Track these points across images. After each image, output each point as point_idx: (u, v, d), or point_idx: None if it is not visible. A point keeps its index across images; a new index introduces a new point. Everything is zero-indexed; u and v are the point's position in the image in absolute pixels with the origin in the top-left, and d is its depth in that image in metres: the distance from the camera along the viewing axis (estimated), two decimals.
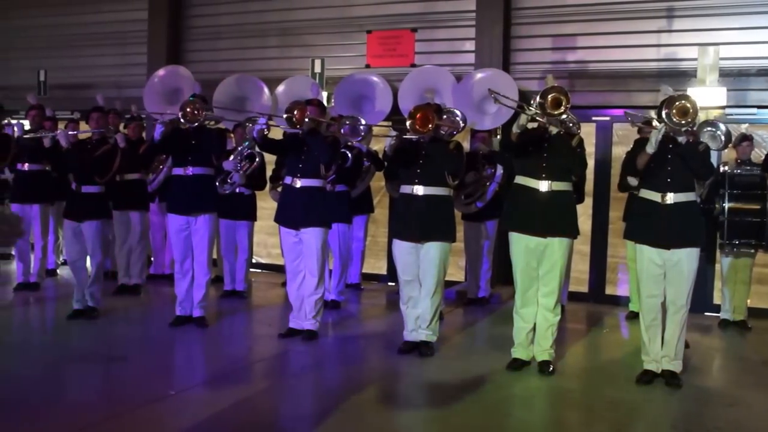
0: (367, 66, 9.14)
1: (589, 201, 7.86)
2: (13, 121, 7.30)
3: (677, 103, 4.85)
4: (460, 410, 4.58)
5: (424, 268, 5.60)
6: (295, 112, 5.80)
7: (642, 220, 5.15)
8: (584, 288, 8.32)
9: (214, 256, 7.42)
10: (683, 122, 4.83)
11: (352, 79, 8.68)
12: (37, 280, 7.99)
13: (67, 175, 6.94)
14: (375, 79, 8.65)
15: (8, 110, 7.39)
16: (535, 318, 5.35)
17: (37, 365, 5.36)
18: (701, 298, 7.33)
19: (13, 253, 8.25)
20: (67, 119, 8.87)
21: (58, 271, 8.90)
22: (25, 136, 7.27)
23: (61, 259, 9.03)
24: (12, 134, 6.99)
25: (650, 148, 4.95)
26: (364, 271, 8.57)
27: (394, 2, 9.08)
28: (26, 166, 7.70)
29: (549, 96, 5.06)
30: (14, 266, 8.07)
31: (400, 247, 5.66)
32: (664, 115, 4.86)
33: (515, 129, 5.19)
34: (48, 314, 7.29)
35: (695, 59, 7.38)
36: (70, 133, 6.83)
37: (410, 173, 5.63)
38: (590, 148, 7.94)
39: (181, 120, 6.17)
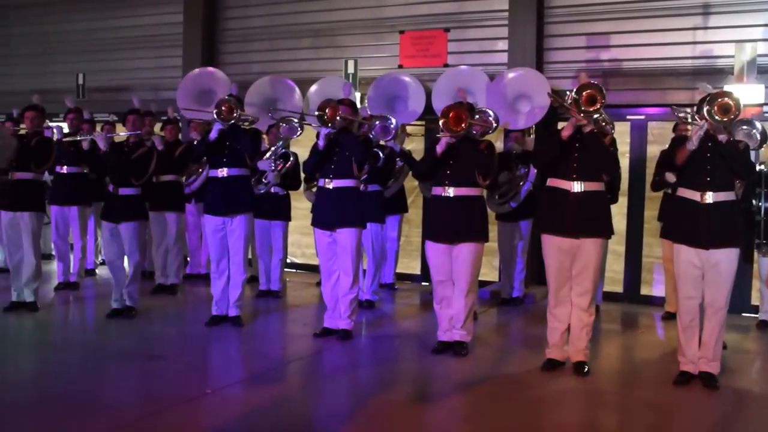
0: (400, 66, 9.15)
1: (623, 200, 7.79)
2: (53, 125, 7.43)
3: (719, 100, 4.76)
4: (494, 410, 4.58)
5: (457, 269, 5.60)
6: (327, 110, 5.82)
7: (680, 220, 5.06)
8: (619, 288, 8.25)
9: (250, 256, 7.49)
10: (725, 120, 4.75)
11: (386, 79, 8.72)
12: (76, 279, 8.16)
13: (104, 177, 7.06)
14: (408, 79, 8.68)
15: (48, 113, 7.51)
16: (569, 318, 5.32)
17: (77, 363, 5.46)
18: (739, 299, 7.22)
19: (53, 252, 8.41)
20: (104, 122, 9.03)
21: (96, 271, 9.05)
22: (64, 140, 7.40)
23: (99, 259, 9.20)
24: (52, 137, 7.12)
25: (691, 145, 4.88)
26: (397, 270, 8.59)
27: (427, 2, 9.08)
28: (64, 169, 7.85)
29: (584, 92, 5.01)
30: (55, 266, 8.23)
31: (433, 248, 5.67)
32: (705, 112, 4.78)
33: (566, 132, 5.12)
34: (87, 313, 7.42)
35: (732, 56, 7.28)
36: (107, 135, 6.95)
37: (441, 174, 5.63)
38: (625, 147, 7.89)
39: (215, 118, 6.23)
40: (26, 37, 11.85)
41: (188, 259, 8.84)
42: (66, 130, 7.91)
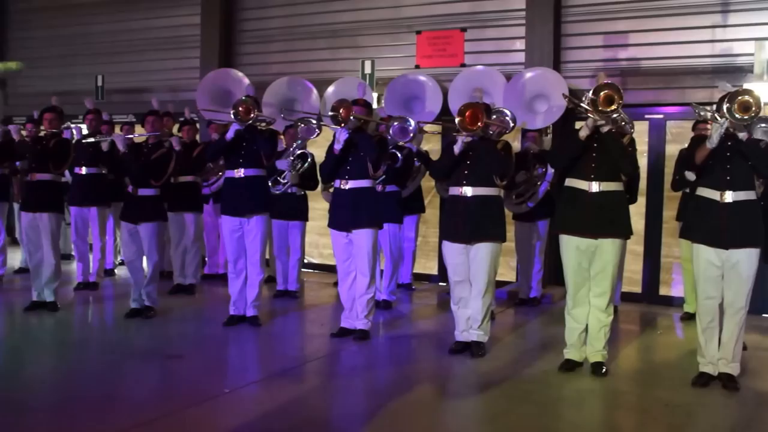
0: (417, 66, 9.14)
1: (642, 200, 7.73)
2: (72, 126, 7.50)
3: (739, 98, 4.70)
4: (511, 411, 4.57)
5: (475, 269, 5.59)
6: (341, 110, 5.83)
7: (699, 219, 5.01)
8: (638, 288, 8.20)
9: (267, 256, 7.52)
10: (745, 117, 4.70)
11: (403, 80, 8.72)
12: (96, 279, 8.23)
13: (123, 178, 7.12)
14: (425, 79, 8.68)
15: (68, 115, 7.58)
16: (587, 319, 5.29)
17: (96, 362, 5.52)
18: (759, 299, 7.14)
19: (72, 253, 8.49)
20: (123, 123, 9.11)
21: (116, 271, 9.12)
22: (83, 141, 7.47)
23: (118, 259, 9.27)
24: (71, 139, 7.18)
25: (711, 144, 4.84)
26: (415, 271, 8.59)
27: (444, 2, 9.07)
28: (83, 170, 7.91)
29: (601, 93, 4.99)
30: (74, 266, 8.30)
31: (450, 248, 5.66)
32: (725, 110, 4.74)
33: (584, 132, 5.10)
34: (106, 313, 7.48)
35: (752, 54, 7.22)
36: (126, 136, 7.00)
37: (458, 174, 5.63)
38: (643, 147, 7.84)
39: (233, 118, 6.26)
40: (47, 40, 11.97)
41: (206, 259, 8.88)
42: (85, 131, 7.97)
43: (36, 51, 12.12)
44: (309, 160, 7.62)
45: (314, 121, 7.67)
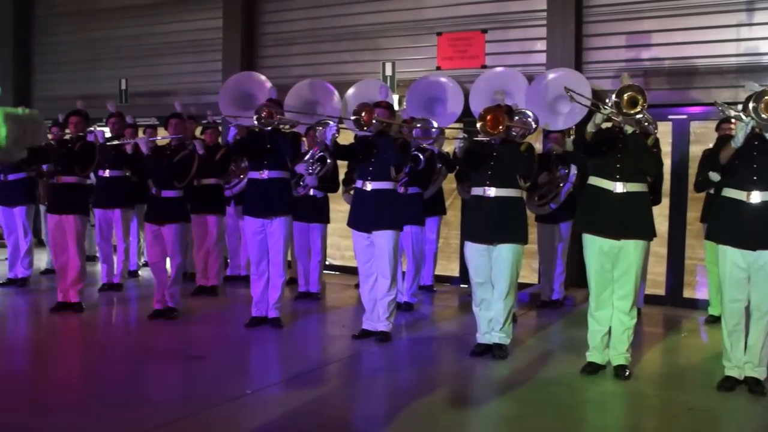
0: (438, 68, 9.14)
1: (666, 201, 7.67)
2: (96, 129, 7.57)
3: (766, 98, 4.65)
4: (533, 414, 4.55)
5: (497, 271, 5.57)
6: (363, 114, 5.84)
7: (725, 221, 4.94)
8: (661, 291, 8.13)
9: (289, 258, 7.54)
10: None
11: (424, 81, 8.72)
12: (120, 281, 8.30)
13: (147, 180, 7.18)
14: (446, 81, 8.67)
15: (92, 118, 7.66)
16: (610, 321, 5.26)
17: (120, 362, 5.57)
18: None
19: (97, 254, 8.57)
20: (146, 126, 9.18)
21: (139, 272, 9.20)
22: (107, 144, 7.54)
23: (142, 260, 9.34)
24: (95, 142, 7.26)
25: (735, 143, 4.78)
26: (436, 273, 8.58)
27: (464, 4, 9.05)
28: (107, 173, 7.99)
29: (625, 95, 4.95)
30: (99, 268, 8.38)
31: (472, 249, 5.65)
32: (751, 110, 4.68)
33: (590, 128, 5.12)
34: (130, 314, 7.54)
35: None
36: (149, 139, 7.07)
37: (481, 175, 5.62)
38: (667, 148, 7.77)
39: (256, 123, 6.30)
40: (71, 44, 12.11)
41: (228, 261, 8.93)
42: (108, 134, 8.05)
43: (60, 55, 12.27)
44: (329, 162, 7.63)
45: (333, 123, 7.68)
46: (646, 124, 5.46)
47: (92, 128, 7.48)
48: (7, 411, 4.43)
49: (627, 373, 5.19)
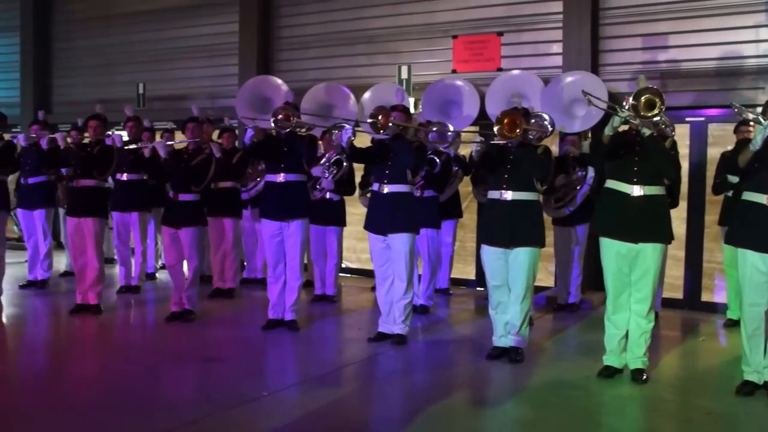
0: (454, 71, 9.14)
1: (683, 204, 7.64)
2: (114, 133, 7.64)
3: None
4: (549, 417, 4.54)
5: (513, 274, 5.56)
6: (380, 117, 5.85)
7: (745, 224, 4.88)
8: (679, 294, 8.07)
9: (305, 261, 7.57)
10: None
11: (439, 84, 8.73)
12: (137, 283, 8.36)
13: (164, 183, 7.22)
14: (461, 84, 8.67)
15: (110, 122, 7.73)
16: (627, 324, 5.23)
17: (138, 364, 5.60)
18: None
19: (115, 257, 8.64)
20: (164, 130, 9.25)
21: (157, 275, 9.26)
22: (125, 148, 7.60)
23: (159, 263, 9.41)
24: (113, 146, 7.32)
25: (754, 146, 4.74)
26: (452, 276, 8.57)
27: (480, 6, 9.05)
28: (125, 176, 8.06)
29: (642, 97, 4.94)
30: (117, 270, 8.45)
31: (489, 252, 5.64)
32: None
33: (607, 131, 5.11)
34: (148, 316, 7.60)
35: None
36: (167, 143, 7.11)
37: (498, 178, 5.62)
38: (684, 150, 7.73)
39: (273, 125, 6.33)
40: (90, 49, 12.22)
41: (245, 263, 8.97)
42: (126, 138, 8.12)
43: (79, 60, 12.38)
44: (345, 166, 7.66)
45: (351, 135, 7.69)
46: (664, 126, 5.42)
47: (110, 132, 7.54)
48: (28, 411, 4.48)
49: (644, 376, 5.17)
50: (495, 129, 5.46)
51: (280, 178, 6.44)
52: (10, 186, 7.84)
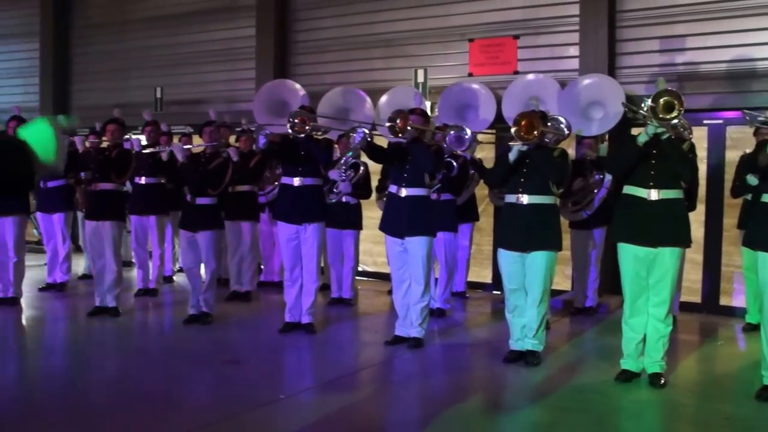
0: (470, 74, 9.13)
1: (701, 207, 7.58)
2: (133, 137, 7.70)
3: None
4: (566, 421, 4.52)
5: (530, 277, 5.55)
6: (398, 121, 5.86)
7: (764, 226, 4.85)
8: (697, 298, 8.02)
9: (322, 264, 7.59)
10: None
11: (456, 88, 8.73)
12: (155, 286, 8.42)
13: (182, 187, 7.27)
14: (478, 87, 8.67)
15: (127, 126, 7.79)
16: (644, 328, 5.20)
17: (155, 366, 5.64)
18: None
19: (133, 260, 8.71)
20: (181, 134, 9.30)
21: (174, 278, 9.31)
22: (143, 152, 7.66)
23: (177, 266, 9.46)
24: (131, 149, 7.38)
25: None
26: (469, 279, 8.56)
27: (496, 10, 9.04)
28: (143, 180, 8.12)
29: (661, 100, 4.91)
30: (135, 273, 8.51)
31: (506, 256, 5.63)
32: None
33: (641, 139, 5.02)
34: (165, 319, 7.64)
35: None
36: (184, 147, 7.16)
37: (515, 182, 5.61)
38: (702, 153, 7.68)
39: (289, 130, 6.35)
40: (108, 54, 12.32)
41: (262, 267, 9.00)
42: (144, 142, 8.18)
43: (97, 65, 12.48)
44: (362, 169, 7.67)
45: (366, 130, 7.71)
46: (681, 129, 5.40)
47: (128, 136, 7.60)
48: (46, 413, 4.52)
49: (662, 381, 5.14)
50: (512, 131, 5.46)
51: (297, 181, 6.46)
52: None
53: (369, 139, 5.99)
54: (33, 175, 2.25)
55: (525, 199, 5.53)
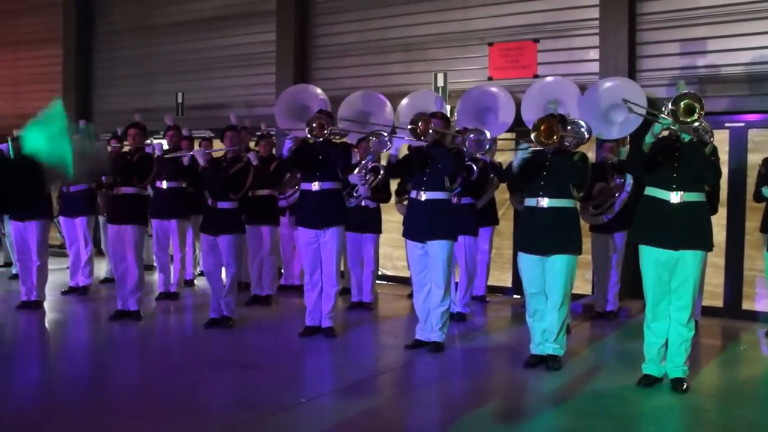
0: (490, 78, 9.13)
1: (723, 211, 7.53)
2: (154, 142, 7.76)
3: None
4: (587, 426, 4.50)
5: (551, 281, 5.54)
6: (420, 124, 5.87)
7: None
8: (719, 302, 7.95)
9: (342, 268, 7.60)
10: None
11: (475, 92, 8.72)
12: (176, 290, 8.47)
13: (203, 191, 7.32)
14: (497, 90, 8.66)
15: (149, 131, 7.86)
16: (666, 333, 5.17)
17: (176, 370, 5.67)
18: None
19: (154, 264, 8.77)
20: (202, 138, 9.36)
21: (195, 281, 9.36)
22: (165, 156, 7.72)
23: (198, 270, 9.51)
24: (152, 154, 7.44)
25: None
26: (489, 283, 8.54)
27: (516, 14, 9.03)
28: (164, 184, 8.17)
29: (682, 102, 4.90)
30: (156, 277, 8.57)
31: (526, 260, 5.63)
32: None
33: (648, 139, 5.05)
34: (186, 322, 7.69)
35: None
36: (206, 151, 7.21)
37: (535, 185, 5.60)
38: (724, 156, 7.62)
39: (308, 135, 6.38)
40: (130, 59, 12.43)
41: (282, 270, 9.04)
42: (166, 146, 8.24)
43: (119, 70, 12.60)
44: (381, 173, 7.69)
45: (386, 134, 7.74)
46: (703, 132, 5.36)
47: (150, 140, 7.66)
48: (68, 416, 4.57)
49: (684, 386, 5.10)
50: (532, 135, 5.46)
51: (316, 186, 6.48)
52: (52, 194, 8.01)
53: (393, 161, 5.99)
54: (41, 191, 2.22)
55: (545, 202, 5.53)
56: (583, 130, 6.67)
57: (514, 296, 8.79)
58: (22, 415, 4.59)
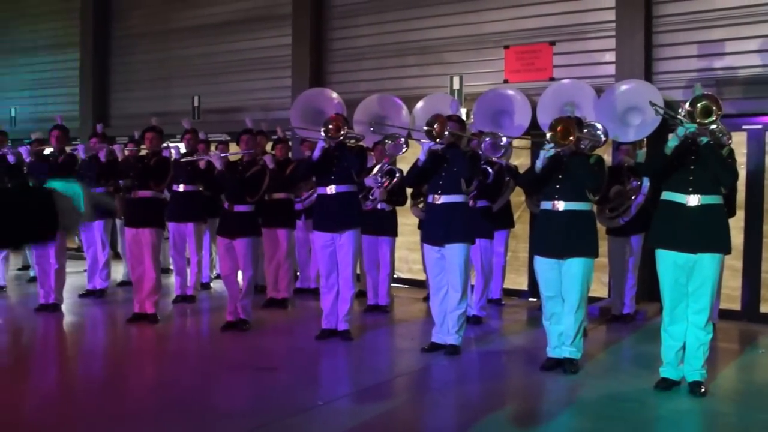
0: (506, 81, 9.13)
1: (741, 214, 7.47)
2: (171, 145, 7.81)
3: None
4: (604, 430, 4.48)
5: (567, 284, 5.52)
6: (435, 125, 5.88)
7: None
8: (736, 306, 7.89)
9: (358, 271, 7.61)
10: None
11: (491, 94, 8.72)
12: (193, 293, 8.51)
13: (219, 195, 7.35)
14: (513, 93, 8.65)
15: (166, 135, 7.91)
16: (684, 336, 5.14)
17: (193, 373, 5.71)
18: None
19: (171, 267, 8.82)
20: (218, 141, 9.42)
21: (212, 284, 9.41)
22: (181, 160, 7.77)
23: (214, 273, 9.55)
24: (169, 157, 7.48)
25: None
26: (504, 286, 8.53)
27: (532, 16, 9.03)
28: (181, 187, 8.21)
29: (698, 104, 4.88)
30: (173, 280, 8.61)
31: (542, 263, 5.61)
32: None
33: (671, 143, 5.00)
34: (203, 325, 7.73)
35: None
36: (222, 155, 7.24)
37: (551, 188, 5.59)
38: (741, 158, 7.57)
39: (323, 136, 6.40)
40: (146, 63, 12.54)
41: (298, 274, 9.06)
42: (183, 150, 8.29)
43: (136, 74, 12.71)
44: (397, 176, 7.70)
45: (402, 137, 7.76)
46: (720, 134, 5.33)
47: (167, 144, 7.71)
48: (85, 418, 4.60)
49: (702, 389, 5.06)
50: (548, 136, 5.46)
51: (331, 189, 6.50)
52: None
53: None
54: (56, 224, 2.25)
55: (561, 205, 5.51)
56: (599, 133, 6.66)
57: (530, 299, 8.77)
58: (40, 418, 4.62)
